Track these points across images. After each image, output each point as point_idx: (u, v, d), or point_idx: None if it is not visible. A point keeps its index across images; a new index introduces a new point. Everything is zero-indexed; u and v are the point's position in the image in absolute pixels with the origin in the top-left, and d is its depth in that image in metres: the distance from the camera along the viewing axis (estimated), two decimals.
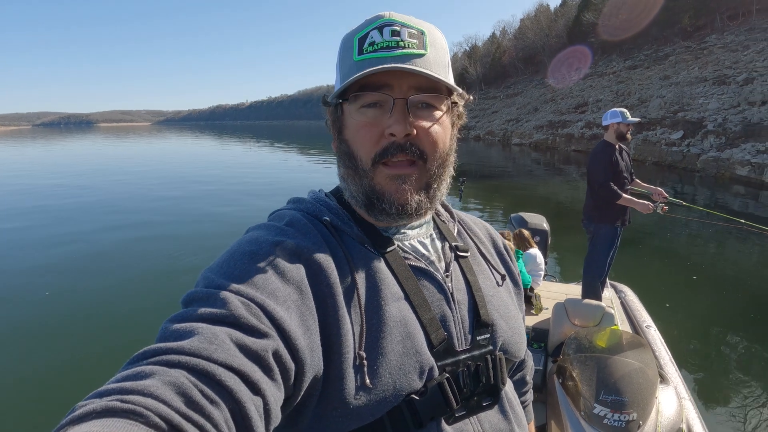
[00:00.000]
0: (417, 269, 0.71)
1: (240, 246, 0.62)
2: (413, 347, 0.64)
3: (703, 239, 9.13)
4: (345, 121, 0.70)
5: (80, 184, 17.60)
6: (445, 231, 0.82)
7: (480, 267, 0.82)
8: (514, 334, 0.78)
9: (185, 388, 0.42)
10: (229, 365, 0.47)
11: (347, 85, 0.65)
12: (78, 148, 48.47)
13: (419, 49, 0.66)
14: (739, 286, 6.60)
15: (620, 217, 4.00)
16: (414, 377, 0.63)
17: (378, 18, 0.67)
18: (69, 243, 8.99)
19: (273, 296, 0.56)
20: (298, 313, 0.57)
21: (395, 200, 0.67)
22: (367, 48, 0.65)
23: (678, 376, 2.90)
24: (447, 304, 0.71)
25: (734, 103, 19.97)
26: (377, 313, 0.64)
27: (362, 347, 0.61)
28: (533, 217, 5.06)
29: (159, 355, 0.46)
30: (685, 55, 33.27)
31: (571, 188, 15.61)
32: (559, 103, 39.73)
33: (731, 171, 15.87)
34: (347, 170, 0.71)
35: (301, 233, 0.66)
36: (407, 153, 0.66)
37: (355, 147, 0.69)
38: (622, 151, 4.09)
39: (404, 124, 0.65)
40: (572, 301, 3.40)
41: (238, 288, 0.55)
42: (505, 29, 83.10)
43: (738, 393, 3.98)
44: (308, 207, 0.73)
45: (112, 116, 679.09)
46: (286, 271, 0.59)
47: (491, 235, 0.92)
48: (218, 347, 0.47)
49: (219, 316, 0.51)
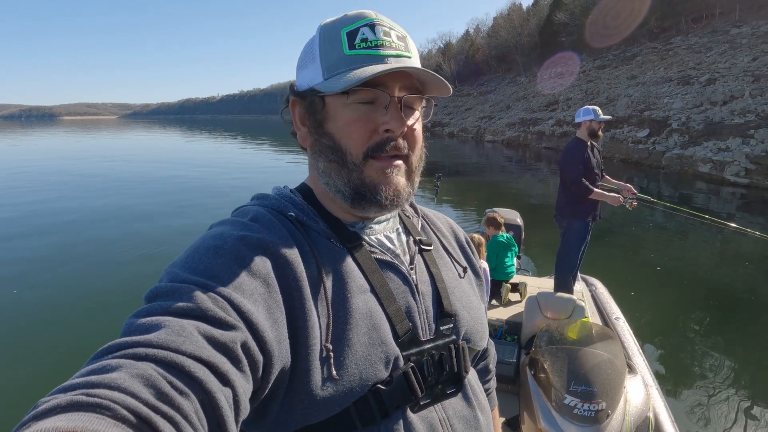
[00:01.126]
0: (383, 262, 0.73)
1: (204, 241, 0.61)
2: (379, 338, 0.65)
3: (668, 234, 9.45)
4: (329, 114, 0.70)
5: (47, 179, 16.94)
6: (409, 225, 0.84)
7: (443, 260, 0.84)
8: (476, 323, 0.81)
9: (154, 380, 0.42)
10: (198, 357, 0.46)
11: (357, 82, 0.63)
12: (41, 142, 46.58)
13: (406, 51, 0.69)
14: (702, 278, 6.86)
15: (591, 212, 4.07)
16: (380, 367, 0.64)
17: (365, 16, 0.68)
18: (31, 239, 8.67)
19: (239, 290, 0.55)
20: (265, 306, 0.57)
21: (390, 191, 0.69)
22: (360, 44, 0.66)
23: (645, 365, 2.97)
24: (412, 295, 0.72)
25: (697, 103, 20.66)
26: (343, 305, 0.65)
27: (329, 339, 0.61)
28: (507, 213, 5.13)
29: (125, 349, 0.45)
30: (651, 55, 34.25)
31: (543, 184, 15.88)
32: (530, 101, 40.38)
33: (694, 168, 16.42)
34: (330, 164, 0.70)
35: (266, 228, 0.66)
36: (399, 149, 0.69)
37: (345, 140, 0.68)
38: (593, 148, 4.17)
39: (402, 121, 0.68)
40: (544, 294, 3.46)
41: (205, 282, 0.54)
42: (479, 27, 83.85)
43: (702, 380, 4.13)
44: (273, 203, 0.73)
45: (77, 109, 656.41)
46: (253, 265, 0.59)
47: (453, 230, 0.95)
48: (186, 339, 0.47)
49: (186, 310, 0.50)
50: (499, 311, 3.87)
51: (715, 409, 3.66)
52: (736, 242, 8.57)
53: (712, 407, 3.69)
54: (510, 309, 3.90)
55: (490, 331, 3.41)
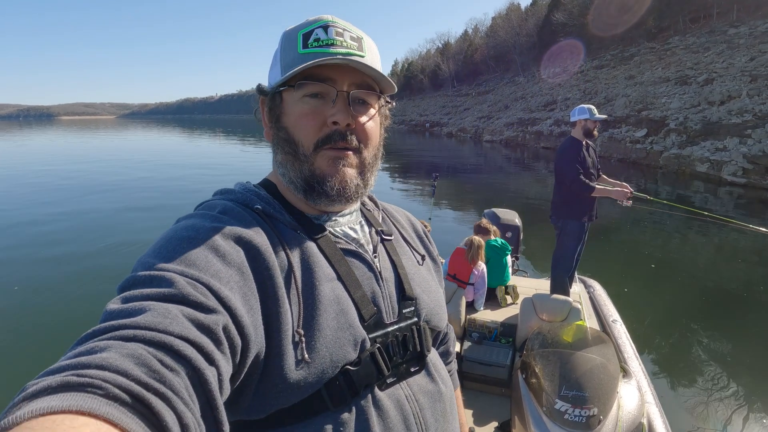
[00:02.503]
0: (348, 251, 0.77)
1: (176, 232, 0.62)
2: (347, 322, 0.68)
3: (667, 233, 9.39)
4: (284, 109, 0.74)
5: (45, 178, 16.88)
6: (370, 218, 0.88)
7: (402, 249, 0.89)
8: (435, 306, 0.86)
9: (144, 359, 0.42)
10: (185, 337, 0.47)
11: (296, 72, 0.69)
12: (41, 142, 46.43)
13: (359, 51, 0.73)
14: (702, 279, 6.81)
15: (587, 212, 4.02)
16: (349, 349, 0.67)
17: (321, 19, 0.73)
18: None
19: (216, 277, 0.57)
20: (241, 293, 0.59)
21: (336, 182, 0.72)
22: (312, 43, 0.71)
23: (641, 370, 2.93)
24: (376, 281, 0.77)
25: (695, 103, 20.65)
26: (312, 292, 0.67)
27: (300, 325, 0.64)
28: (505, 213, 5.12)
29: (113, 331, 0.45)
30: (649, 55, 34.27)
31: (541, 184, 15.85)
32: (528, 101, 40.37)
33: (692, 167, 16.40)
34: (286, 156, 0.74)
35: (236, 219, 0.68)
36: (347, 141, 0.72)
37: (297, 133, 0.73)
38: (588, 147, 4.12)
39: (347, 114, 0.71)
40: (540, 296, 3.42)
41: (182, 269, 0.55)
42: (477, 27, 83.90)
43: (700, 385, 4.06)
44: (238, 197, 0.75)
45: (75, 109, 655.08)
46: (227, 254, 0.61)
47: (411, 221, 1.02)
48: (173, 321, 0.48)
49: (167, 295, 0.51)
50: (494, 313, 3.83)
51: (712, 416, 3.61)
52: (735, 240, 8.54)
53: (709, 413, 3.64)
54: (505, 311, 3.87)
55: (485, 333, 3.33)
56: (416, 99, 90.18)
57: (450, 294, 3.56)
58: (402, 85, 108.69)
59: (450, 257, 4.07)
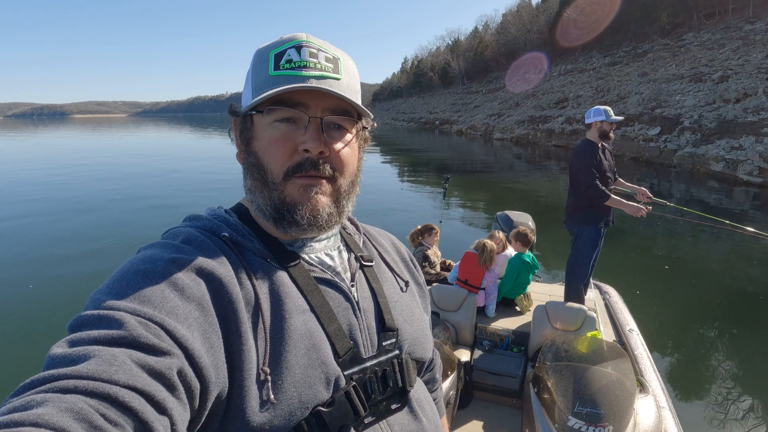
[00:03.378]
0: (323, 280, 0.72)
1: (132, 265, 0.58)
2: (318, 358, 0.64)
3: (685, 237, 9.16)
4: (255, 133, 0.70)
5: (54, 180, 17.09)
6: (350, 243, 0.83)
7: (384, 275, 0.84)
8: (419, 336, 0.82)
9: (85, 414, 0.39)
10: (131, 386, 0.44)
11: (265, 98, 0.64)
12: (53, 140, 47.03)
13: (334, 73, 0.68)
14: (724, 285, 6.58)
15: (603, 218, 3.89)
16: (320, 389, 0.63)
17: (295, 38, 0.68)
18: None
19: (173, 314, 0.53)
20: (200, 330, 0.55)
21: (307, 210, 0.68)
22: (284, 65, 0.67)
23: (659, 384, 2.80)
24: (353, 312, 0.72)
25: (710, 101, 20.35)
26: (281, 326, 0.63)
27: (266, 362, 0.60)
28: (519, 216, 4.99)
29: (50, 382, 0.42)
30: (663, 52, 33.81)
31: (553, 183, 15.73)
32: (540, 98, 40.05)
33: (706, 166, 16.17)
34: (255, 182, 0.70)
35: (199, 250, 0.64)
36: (320, 170, 0.68)
37: (266, 160, 0.68)
38: (605, 149, 3.99)
39: (319, 141, 0.67)
40: (553, 304, 3.35)
41: (134, 308, 0.51)
42: (487, 24, 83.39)
43: (720, 401, 3.88)
44: (205, 224, 0.71)
45: (87, 107, 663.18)
46: (186, 288, 0.57)
47: (395, 245, 0.96)
48: (119, 368, 0.44)
49: (116, 337, 0.47)
50: (506, 321, 3.75)
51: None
52: (756, 246, 8.27)
53: (731, 430, 3.49)
54: (517, 318, 3.79)
55: (496, 342, 3.27)
56: (426, 96, 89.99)
57: (461, 300, 3.50)
58: (411, 82, 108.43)
59: (460, 262, 4.00)
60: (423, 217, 9.11)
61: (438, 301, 3.53)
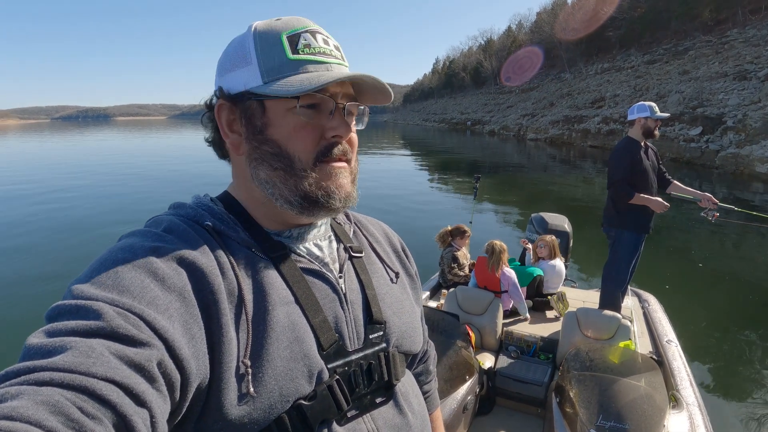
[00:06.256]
0: (310, 271, 0.71)
1: (112, 254, 0.57)
2: (301, 351, 0.63)
3: (737, 243, 8.62)
4: (271, 120, 0.67)
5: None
6: (340, 233, 0.83)
7: (374, 266, 0.83)
8: (407, 329, 0.81)
9: (61, 407, 0.38)
10: (110, 378, 0.43)
11: (318, 87, 0.63)
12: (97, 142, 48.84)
13: (344, 60, 0.70)
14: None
15: (645, 222, 3.66)
16: (302, 382, 0.62)
17: (304, 23, 0.68)
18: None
19: (153, 305, 0.52)
20: (181, 321, 0.54)
21: (342, 193, 0.69)
22: (303, 49, 0.66)
23: (696, 400, 2.57)
24: (340, 304, 0.71)
25: (755, 99, 19.51)
26: (264, 318, 0.62)
27: (247, 355, 0.58)
28: (554, 218, 4.80)
29: (26, 374, 0.41)
30: (705, 49, 32.59)
31: (589, 185, 15.37)
32: (575, 97, 39.23)
33: (750, 168, 15.54)
34: (275, 172, 0.68)
35: (180, 239, 0.63)
36: (345, 154, 0.70)
37: (292, 147, 0.67)
38: (648, 149, 3.75)
39: (347, 128, 0.69)
40: (585, 310, 3.21)
41: (113, 298, 0.50)
42: (521, 23, 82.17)
43: (765, 422, 3.64)
44: (189, 212, 0.69)
45: (129, 110, 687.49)
46: (166, 278, 0.56)
47: (387, 235, 0.95)
48: (96, 360, 0.43)
49: (93, 328, 0.46)
50: (534, 326, 3.60)
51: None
52: None
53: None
54: (547, 325, 3.64)
55: (523, 348, 3.15)
56: (457, 97, 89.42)
57: (487, 303, 3.41)
58: (443, 83, 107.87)
59: (475, 269, 3.90)
60: (452, 217, 8.97)
61: (462, 303, 3.45)
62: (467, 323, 3.33)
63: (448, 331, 2.77)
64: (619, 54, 47.32)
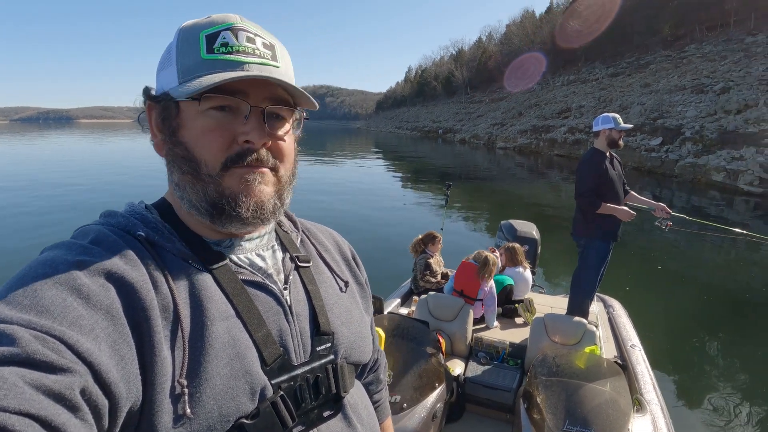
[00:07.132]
0: (252, 283, 0.67)
1: (31, 270, 0.52)
2: (242, 368, 0.60)
3: (692, 247, 8.94)
4: (183, 122, 0.63)
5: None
6: (286, 241, 0.79)
7: (322, 275, 0.80)
8: (356, 339, 0.78)
9: None
10: (25, 412, 0.39)
11: (211, 86, 0.58)
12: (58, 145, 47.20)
13: (273, 60, 0.65)
14: (736, 301, 6.34)
15: (612, 231, 3.72)
16: (243, 400, 0.59)
17: (228, 20, 0.63)
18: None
19: (76, 326, 0.48)
20: (108, 342, 0.50)
21: (251, 202, 0.64)
22: (219, 48, 0.61)
23: (659, 404, 2.62)
24: (285, 317, 0.68)
25: (711, 111, 20.45)
26: (201, 334, 0.58)
27: (183, 374, 0.55)
28: (523, 225, 4.85)
29: None
30: (665, 63, 34.01)
31: (556, 193, 15.72)
32: (543, 108, 40.24)
33: (707, 177, 16.24)
34: (184, 176, 0.64)
35: (108, 251, 0.57)
36: (262, 160, 0.64)
37: (199, 151, 0.62)
38: (613, 158, 3.82)
39: (263, 132, 0.63)
40: (552, 316, 3.26)
41: (29, 319, 0.45)
42: (491, 34, 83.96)
43: (726, 424, 3.71)
44: (119, 222, 0.64)
45: (93, 112, 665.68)
46: (91, 295, 0.51)
47: (337, 242, 0.91)
48: (8, 392, 0.39)
49: (6, 355, 0.42)
50: (503, 332, 3.64)
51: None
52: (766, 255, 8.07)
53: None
54: (515, 330, 3.68)
55: (492, 354, 3.12)
56: (429, 106, 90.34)
57: (457, 309, 3.42)
58: (415, 92, 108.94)
59: (456, 272, 3.90)
60: (423, 224, 9.08)
61: (433, 310, 3.45)
62: (438, 330, 3.33)
63: (419, 338, 2.76)
64: (585, 66, 48.86)
